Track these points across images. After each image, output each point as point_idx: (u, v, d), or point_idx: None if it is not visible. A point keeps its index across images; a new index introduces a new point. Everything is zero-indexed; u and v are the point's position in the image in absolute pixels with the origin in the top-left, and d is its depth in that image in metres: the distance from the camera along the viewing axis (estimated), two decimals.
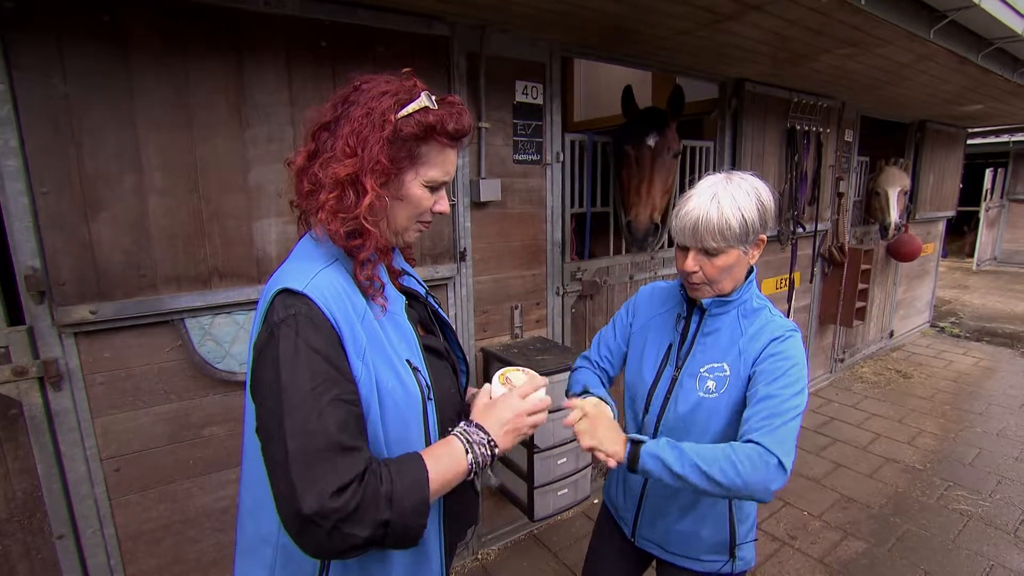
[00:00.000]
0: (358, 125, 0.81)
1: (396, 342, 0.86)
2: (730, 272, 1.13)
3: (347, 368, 0.78)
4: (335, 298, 0.79)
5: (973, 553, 2.57)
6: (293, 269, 0.82)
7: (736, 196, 1.09)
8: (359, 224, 0.81)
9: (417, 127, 0.82)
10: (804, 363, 1.11)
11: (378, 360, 0.82)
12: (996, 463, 3.40)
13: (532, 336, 2.66)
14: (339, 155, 0.80)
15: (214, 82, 1.63)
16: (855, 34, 2.29)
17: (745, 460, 0.98)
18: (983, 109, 4.56)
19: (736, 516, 1.23)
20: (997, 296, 8.45)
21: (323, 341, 0.75)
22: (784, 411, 1.03)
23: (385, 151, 0.81)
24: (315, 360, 0.74)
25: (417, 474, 0.78)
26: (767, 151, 3.52)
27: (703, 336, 1.20)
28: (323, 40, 1.78)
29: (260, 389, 0.76)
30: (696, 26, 2.15)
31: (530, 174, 2.49)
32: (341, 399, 0.75)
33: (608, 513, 1.45)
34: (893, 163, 4.59)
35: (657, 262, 3.15)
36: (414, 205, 0.88)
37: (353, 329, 0.79)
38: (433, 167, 0.87)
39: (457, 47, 2.09)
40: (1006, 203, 11.10)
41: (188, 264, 1.67)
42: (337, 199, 0.80)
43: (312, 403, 0.72)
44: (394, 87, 0.84)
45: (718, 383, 1.14)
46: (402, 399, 0.84)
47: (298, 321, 0.75)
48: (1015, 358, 5.45)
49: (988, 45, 2.82)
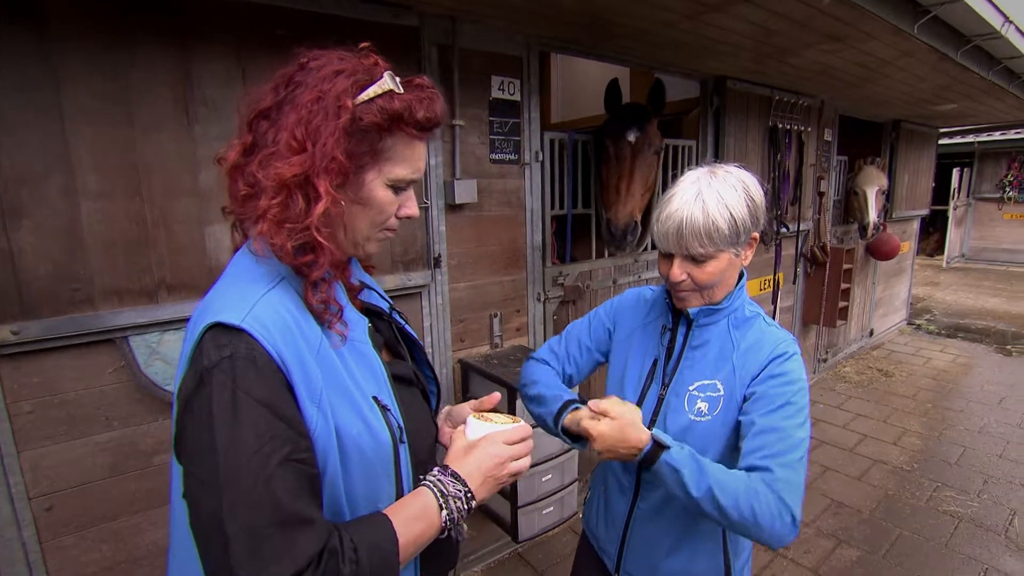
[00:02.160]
0: (307, 113, 0.65)
1: (360, 377, 0.72)
2: (723, 278, 1.01)
3: (299, 419, 0.63)
4: (282, 331, 0.64)
5: (967, 557, 2.52)
6: (227, 295, 0.66)
7: (722, 192, 0.96)
8: (310, 237, 0.66)
9: (380, 115, 0.67)
10: (807, 385, 0.99)
11: (338, 402, 0.68)
12: (981, 461, 3.39)
13: (513, 345, 2.53)
14: (283, 150, 0.65)
15: (157, 73, 1.46)
16: (841, 28, 2.23)
17: (764, 506, 0.87)
18: (957, 108, 4.60)
19: (731, 550, 1.10)
20: (967, 292, 8.63)
21: (268, 389, 0.61)
22: (791, 448, 0.91)
23: (342, 145, 0.66)
24: (259, 414, 0.60)
25: (386, 545, 0.64)
26: (749, 149, 3.46)
27: (691, 350, 1.06)
28: (280, 28, 1.64)
29: (189, 452, 0.61)
30: (681, 17, 2.05)
31: (508, 174, 2.37)
32: (292, 459, 0.61)
33: (588, 543, 1.29)
34: (870, 163, 4.60)
35: (641, 265, 3.05)
36: (377, 210, 0.73)
37: (305, 368, 0.65)
38: (399, 163, 0.72)
39: (427, 39, 1.96)
40: (972, 202, 11.39)
41: (131, 276, 1.50)
42: (282, 206, 0.64)
43: (258, 469, 0.58)
44: (350, 65, 0.68)
45: (711, 404, 1.01)
46: (369, 447, 0.70)
47: (235, 365, 0.60)
48: (989, 354, 5.52)
49: (967, 42, 2.81)
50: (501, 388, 2.15)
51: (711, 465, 0.91)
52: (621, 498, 1.14)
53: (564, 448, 2.24)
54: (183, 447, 0.63)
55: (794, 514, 0.88)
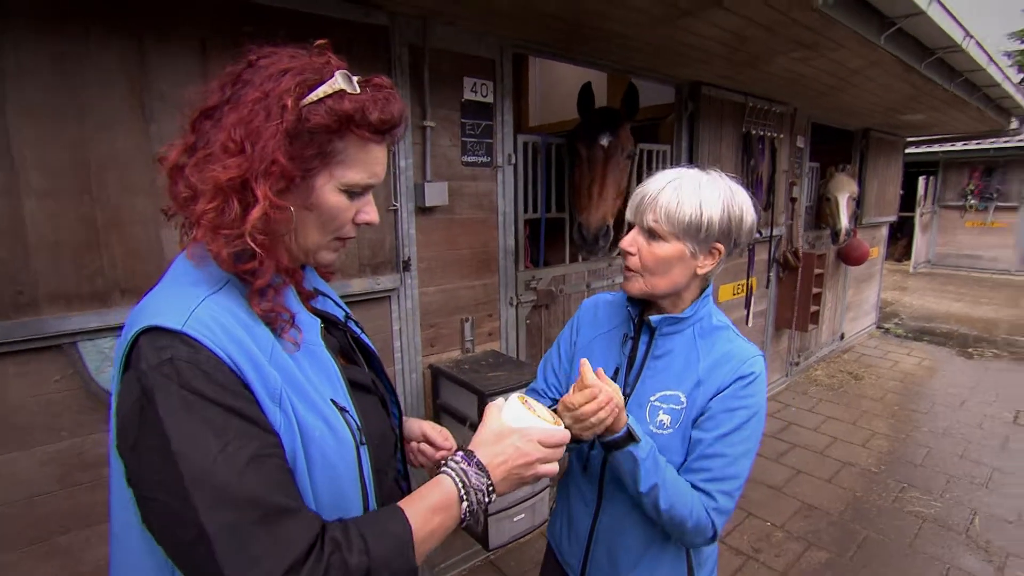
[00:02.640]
0: (248, 112, 0.62)
1: (316, 379, 0.69)
2: (668, 269, 0.98)
3: (262, 417, 0.60)
4: (227, 333, 0.61)
5: (930, 557, 2.57)
6: (165, 297, 0.63)
7: (703, 190, 0.95)
8: (246, 244, 0.62)
9: (329, 116, 0.64)
10: (764, 409, 0.99)
11: (297, 403, 0.64)
12: (944, 462, 3.48)
13: (485, 350, 2.50)
14: (219, 152, 0.61)
15: (111, 67, 1.40)
16: (812, 36, 2.26)
17: (696, 521, 0.94)
18: (923, 119, 4.73)
19: (695, 561, 1.09)
20: (933, 297, 8.89)
21: (218, 388, 0.58)
22: (733, 476, 0.95)
23: (283, 147, 0.62)
24: (214, 412, 0.56)
25: (399, 535, 0.62)
26: (723, 155, 3.49)
27: (653, 359, 1.04)
28: (247, 25, 1.58)
29: (141, 467, 0.57)
30: (655, 21, 2.05)
31: (480, 177, 2.34)
32: (261, 455, 0.58)
33: (553, 557, 1.26)
34: (842, 169, 4.70)
35: (615, 269, 3.06)
36: (329, 216, 0.69)
37: (259, 369, 0.62)
38: (352, 168, 0.68)
39: (398, 38, 1.92)
40: (937, 209, 11.75)
41: (80, 279, 1.43)
42: (217, 211, 0.61)
43: (227, 466, 0.55)
44: (299, 64, 0.65)
45: (672, 416, 0.99)
46: (332, 448, 0.66)
47: (177, 368, 0.57)
48: (952, 357, 5.69)
49: (931, 54, 2.88)
50: (472, 394, 2.12)
51: (666, 468, 0.94)
52: (584, 511, 1.12)
53: None
54: (134, 465, 0.58)
55: (717, 532, 0.96)
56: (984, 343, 6.19)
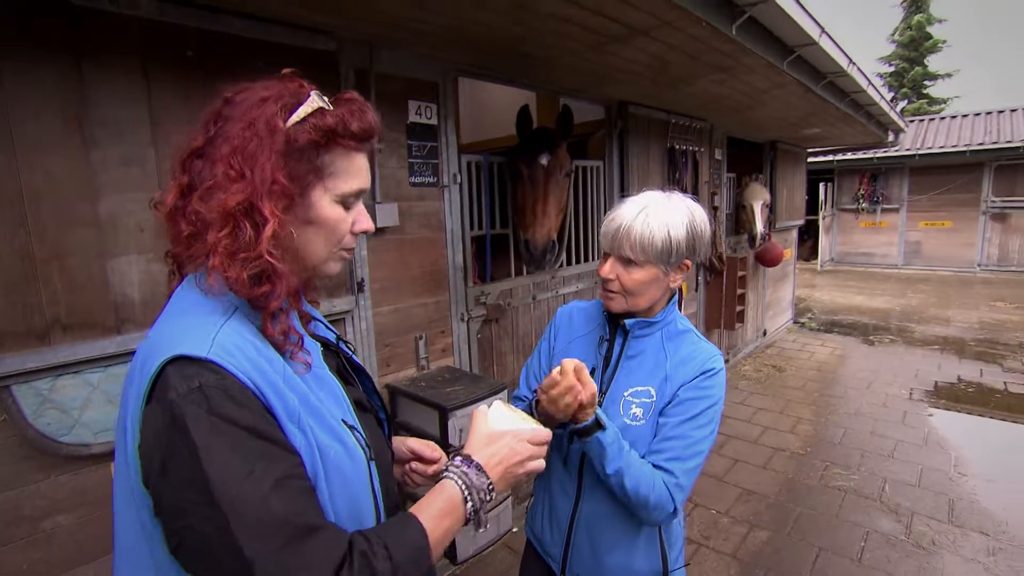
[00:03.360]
0: (240, 141, 0.65)
1: (326, 400, 0.72)
2: (647, 289, 1.10)
3: (284, 440, 0.63)
4: (250, 359, 0.63)
5: (852, 524, 2.86)
6: (182, 328, 0.64)
7: (667, 214, 1.06)
8: (265, 264, 0.65)
9: (315, 132, 0.68)
10: (722, 399, 1.12)
11: (314, 424, 0.67)
12: (858, 439, 3.86)
13: (439, 366, 2.53)
14: (223, 181, 0.64)
15: (44, 90, 1.33)
16: (727, 61, 2.50)
17: (657, 498, 1.03)
18: (820, 132, 5.28)
19: (666, 542, 1.20)
20: (838, 292, 9.79)
21: (246, 413, 0.60)
22: (692, 456, 1.06)
23: (281, 167, 0.66)
24: (241, 437, 0.59)
25: (418, 541, 0.66)
26: (651, 169, 3.74)
27: (627, 359, 1.15)
28: (190, 49, 1.56)
29: (172, 495, 0.58)
30: (586, 47, 2.21)
31: (427, 197, 2.39)
32: (288, 476, 0.60)
33: (533, 550, 1.33)
34: (755, 179, 5.13)
35: (558, 281, 3.18)
36: (330, 228, 0.73)
37: (279, 392, 0.64)
38: (343, 178, 0.72)
39: (345, 63, 1.95)
40: (836, 212, 12.98)
41: (15, 316, 1.34)
42: (231, 236, 0.64)
43: (256, 487, 0.57)
44: (275, 91, 0.69)
45: (644, 409, 1.10)
46: (347, 465, 0.70)
47: (207, 395, 0.58)
48: (858, 345, 6.30)
49: (823, 78, 3.27)
50: (431, 410, 2.15)
51: (629, 453, 1.04)
52: (565, 501, 1.19)
53: None
54: (167, 493, 0.59)
55: (677, 508, 1.06)
56: (882, 331, 6.91)
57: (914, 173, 11.81)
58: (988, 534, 2.73)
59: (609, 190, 3.51)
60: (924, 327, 7.02)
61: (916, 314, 7.82)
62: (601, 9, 1.80)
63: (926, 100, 18.33)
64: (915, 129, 11.77)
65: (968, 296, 9.07)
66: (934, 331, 6.80)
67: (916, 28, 17.77)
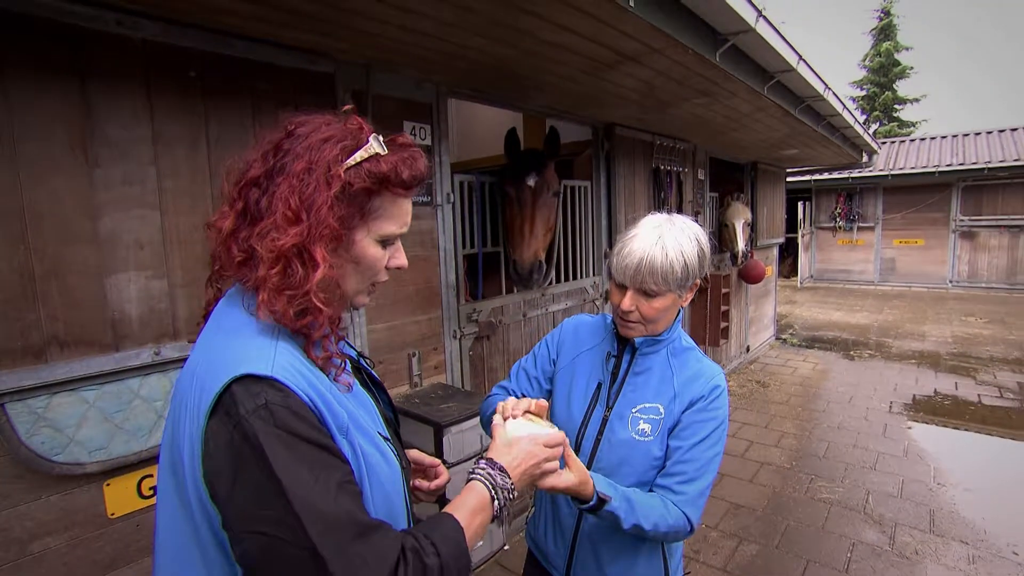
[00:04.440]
0: (299, 183, 0.68)
1: (365, 415, 0.77)
2: (665, 315, 1.13)
3: (338, 450, 0.68)
4: (305, 378, 0.67)
5: (839, 536, 2.90)
6: (242, 348, 0.67)
7: (680, 240, 1.08)
8: (309, 303, 0.68)
9: (369, 179, 0.71)
10: (727, 418, 1.15)
11: (359, 436, 0.72)
12: (841, 452, 3.93)
13: (432, 383, 2.54)
14: (280, 222, 0.67)
15: (49, 110, 1.35)
16: (711, 86, 2.61)
17: (674, 522, 1.05)
18: (798, 153, 5.46)
19: (667, 552, 1.22)
20: (818, 308, 10.00)
21: (308, 427, 0.64)
22: (703, 475, 1.09)
23: (335, 212, 0.69)
24: (306, 449, 0.63)
25: (457, 537, 0.71)
26: (637, 189, 3.83)
27: (634, 375, 1.18)
28: (192, 70, 1.59)
29: (242, 505, 0.62)
30: (579, 73, 2.29)
31: (421, 216, 2.42)
32: (344, 482, 0.66)
33: (535, 560, 1.34)
34: (736, 198, 5.28)
35: (548, 299, 3.22)
36: (368, 266, 0.77)
37: (331, 408, 0.69)
38: (387, 221, 0.76)
39: (342, 85, 1.99)
40: (814, 231, 13.31)
41: (12, 333, 1.33)
42: (281, 274, 0.67)
43: (323, 492, 0.62)
44: (337, 132, 0.71)
45: (653, 425, 1.13)
46: (386, 474, 0.75)
47: (273, 411, 0.62)
48: (839, 360, 6.43)
49: (801, 102, 3.41)
50: (426, 426, 2.15)
51: (637, 501, 1.04)
52: (569, 513, 1.21)
53: None
54: (238, 502, 0.62)
55: (693, 526, 1.08)
56: (861, 346, 7.07)
57: (887, 192, 12.20)
58: (968, 543, 2.80)
59: (596, 210, 3.59)
60: (901, 342, 7.20)
61: (893, 329, 8.02)
62: (594, 36, 1.88)
63: (896, 123, 19.05)
64: (887, 151, 12.19)
65: (941, 311, 9.34)
66: (911, 346, 6.98)
67: (885, 55, 18.54)
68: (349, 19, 1.61)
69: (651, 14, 1.75)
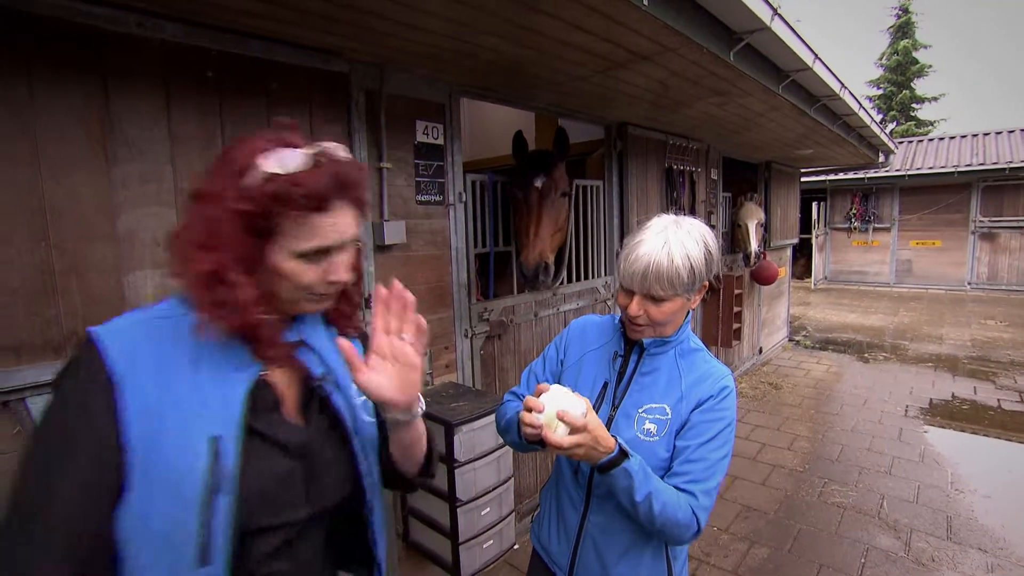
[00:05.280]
0: (212, 211, 0.71)
1: (206, 413, 0.77)
2: (674, 318, 1.13)
3: (109, 431, 0.69)
4: (131, 350, 0.71)
5: (852, 540, 2.87)
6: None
7: (686, 243, 1.08)
8: (243, 319, 0.73)
9: (260, 202, 0.71)
10: (735, 418, 1.14)
11: (172, 429, 0.74)
12: (855, 456, 3.88)
13: (443, 382, 2.55)
14: (194, 249, 0.71)
15: (71, 110, 1.38)
16: (725, 86, 2.59)
17: (683, 519, 1.04)
18: (813, 153, 5.40)
19: (671, 554, 1.21)
20: (832, 310, 9.88)
21: (81, 395, 0.70)
22: (712, 476, 1.08)
23: (239, 236, 0.71)
24: (64, 416, 0.70)
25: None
26: (650, 188, 3.81)
27: (641, 376, 1.17)
28: (209, 70, 1.61)
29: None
30: (592, 72, 2.28)
31: (433, 215, 2.43)
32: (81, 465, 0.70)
33: (540, 561, 1.33)
34: (750, 198, 5.23)
35: (559, 298, 3.22)
36: (289, 280, 0.76)
37: (143, 390, 0.70)
38: (298, 238, 0.73)
39: (356, 84, 2.01)
40: (828, 231, 13.16)
41: (33, 329, 1.36)
42: (207, 294, 0.72)
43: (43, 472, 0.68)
44: (247, 154, 0.73)
45: (659, 426, 1.12)
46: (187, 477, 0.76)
47: (66, 369, 0.72)
48: (853, 362, 6.35)
49: (817, 101, 3.36)
50: (437, 425, 2.16)
51: (653, 476, 1.04)
52: (573, 512, 1.21)
53: (501, 480, 2.28)
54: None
55: (700, 527, 1.07)
56: (876, 348, 6.97)
57: (904, 193, 12.02)
58: (987, 551, 2.75)
59: (609, 209, 3.57)
60: (917, 345, 7.10)
61: (909, 332, 7.90)
62: (607, 35, 1.87)
63: (914, 122, 18.74)
64: (904, 150, 12.01)
65: (960, 314, 9.18)
66: (927, 349, 6.87)
67: (902, 53, 18.25)
68: (364, 19, 1.62)
69: (665, 12, 1.74)
